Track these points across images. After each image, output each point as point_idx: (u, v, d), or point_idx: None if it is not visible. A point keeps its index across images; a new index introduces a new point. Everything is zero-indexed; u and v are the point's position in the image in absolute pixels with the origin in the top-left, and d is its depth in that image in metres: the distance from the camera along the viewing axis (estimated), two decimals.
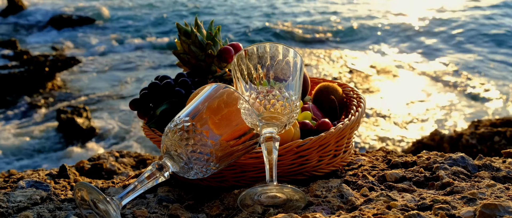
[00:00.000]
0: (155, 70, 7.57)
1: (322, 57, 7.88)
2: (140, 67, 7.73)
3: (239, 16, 10.99)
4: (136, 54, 8.42)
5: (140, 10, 11.90)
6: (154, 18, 11.13)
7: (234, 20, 10.59)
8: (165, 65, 7.83)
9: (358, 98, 1.09)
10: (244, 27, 9.94)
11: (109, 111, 5.94)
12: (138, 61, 8.04)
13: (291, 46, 0.89)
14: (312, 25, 9.89)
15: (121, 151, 1.77)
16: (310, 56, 7.98)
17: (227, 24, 10.22)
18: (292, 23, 10.16)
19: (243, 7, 11.76)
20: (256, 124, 0.81)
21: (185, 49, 1.14)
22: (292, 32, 9.49)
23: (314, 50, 8.37)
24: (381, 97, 5.99)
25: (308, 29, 9.67)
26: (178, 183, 1.00)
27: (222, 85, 0.82)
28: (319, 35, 9.24)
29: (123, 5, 12.41)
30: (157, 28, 10.37)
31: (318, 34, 9.32)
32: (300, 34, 9.36)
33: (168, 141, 0.77)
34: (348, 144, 1.03)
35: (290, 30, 9.60)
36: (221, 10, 11.63)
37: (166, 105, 1.03)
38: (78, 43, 9.20)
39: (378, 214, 0.74)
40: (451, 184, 0.85)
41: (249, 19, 10.65)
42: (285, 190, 0.78)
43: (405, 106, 5.67)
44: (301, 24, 9.99)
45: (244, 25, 10.10)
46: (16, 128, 5.46)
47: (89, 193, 0.71)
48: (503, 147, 2.68)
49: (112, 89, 6.74)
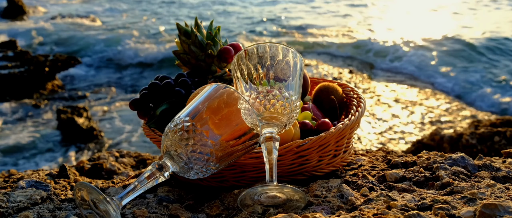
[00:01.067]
0: (156, 70, 7.58)
1: (323, 57, 7.88)
2: (140, 67, 7.72)
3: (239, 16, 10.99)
4: (136, 54, 8.42)
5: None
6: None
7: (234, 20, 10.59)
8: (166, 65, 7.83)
9: (358, 98, 1.09)
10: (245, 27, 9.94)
11: (109, 110, 5.94)
12: (138, 61, 8.04)
13: (291, 46, 0.89)
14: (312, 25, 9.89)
15: (121, 151, 1.77)
16: (310, 56, 7.98)
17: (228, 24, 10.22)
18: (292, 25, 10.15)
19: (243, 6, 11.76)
20: (256, 124, 0.81)
21: (185, 49, 1.14)
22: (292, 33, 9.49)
23: (314, 49, 8.36)
24: (381, 97, 5.99)
25: (308, 30, 9.67)
26: (178, 183, 1.00)
27: (222, 85, 0.82)
28: (319, 35, 9.24)
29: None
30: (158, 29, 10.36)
31: (319, 34, 9.32)
32: (301, 35, 9.36)
33: (168, 141, 0.77)
34: (348, 144, 1.03)
35: (290, 30, 9.60)
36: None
37: (166, 105, 1.03)
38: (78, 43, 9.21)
39: (378, 214, 0.74)
40: (451, 184, 0.85)
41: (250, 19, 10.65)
42: (285, 190, 0.78)
43: (405, 106, 5.67)
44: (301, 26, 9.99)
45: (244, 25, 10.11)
46: (16, 127, 5.46)
47: (89, 193, 0.71)
48: (503, 147, 2.68)
49: (112, 89, 6.74)
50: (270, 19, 10.89)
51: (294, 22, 10.43)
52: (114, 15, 11.73)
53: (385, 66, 7.31)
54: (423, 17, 10.36)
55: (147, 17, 11.36)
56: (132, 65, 7.97)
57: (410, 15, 10.71)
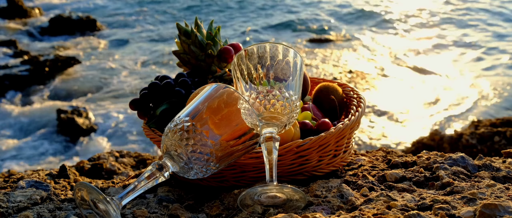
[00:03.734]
0: (156, 71, 7.58)
1: (322, 57, 7.89)
2: (141, 67, 7.72)
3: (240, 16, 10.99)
4: (136, 54, 8.42)
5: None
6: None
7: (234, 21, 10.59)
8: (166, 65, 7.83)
9: (358, 98, 1.09)
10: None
11: (109, 110, 5.94)
12: (138, 61, 8.04)
13: (291, 46, 0.89)
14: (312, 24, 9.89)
15: (121, 151, 1.77)
16: (310, 56, 7.98)
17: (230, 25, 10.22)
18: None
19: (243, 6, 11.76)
20: (256, 124, 0.81)
21: (185, 49, 1.14)
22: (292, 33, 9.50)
23: (314, 50, 8.36)
24: (381, 97, 6.00)
25: (308, 29, 9.67)
26: (178, 183, 1.00)
27: (222, 85, 0.82)
28: (319, 35, 9.24)
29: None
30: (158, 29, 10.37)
31: (318, 34, 9.32)
32: (301, 34, 9.36)
33: (168, 141, 0.77)
34: (348, 144, 1.03)
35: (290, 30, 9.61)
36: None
37: (166, 105, 1.03)
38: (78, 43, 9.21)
39: (378, 214, 0.74)
40: (451, 184, 0.85)
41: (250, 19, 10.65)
42: (285, 190, 0.78)
43: (405, 106, 5.67)
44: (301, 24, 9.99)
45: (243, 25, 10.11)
46: (16, 127, 5.46)
47: (89, 193, 0.71)
48: (503, 147, 2.68)
49: (112, 89, 6.74)
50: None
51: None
52: (115, 14, 11.73)
53: (385, 65, 7.31)
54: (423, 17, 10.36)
55: (148, 17, 11.36)
56: (133, 64, 7.97)
57: (411, 15, 10.71)
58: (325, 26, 9.67)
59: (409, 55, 7.75)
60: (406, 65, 7.29)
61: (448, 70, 6.94)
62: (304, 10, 10.89)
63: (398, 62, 7.46)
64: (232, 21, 10.34)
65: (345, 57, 7.82)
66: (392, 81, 6.68)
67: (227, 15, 10.87)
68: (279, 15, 10.52)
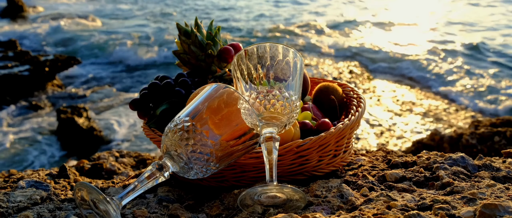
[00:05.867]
0: (156, 70, 7.58)
1: (323, 57, 7.88)
2: (141, 67, 7.72)
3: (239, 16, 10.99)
4: (136, 54, 8.42)
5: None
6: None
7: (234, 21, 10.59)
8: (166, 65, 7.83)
9: (358, 98, 1.09)
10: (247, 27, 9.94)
11: (109, 110, 5.94)
12: (138, 61, 8.04)
13: (291, 46, 0.89)
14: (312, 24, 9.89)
15: (121, 151, 1.77)
16: (310, 56, 7.97)
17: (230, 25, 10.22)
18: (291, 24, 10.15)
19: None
20: (256, 124, 0.81)
21: (185, 49, 1.14)
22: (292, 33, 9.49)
23: (314, 49, 8.36)
24: (381, 97, 5.99)
25: (308, 29, 9.66)
26: (178, 183, 1.00)
27: (222, 85, 0.82)
28: (319, 35, 9.24)
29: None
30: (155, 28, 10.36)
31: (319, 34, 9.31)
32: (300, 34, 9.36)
33: (168, 141, 0.77)
34: (348, 144, 1.03)
35: (291, 30, 9.60)
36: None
37: (166, 105, 1.03)
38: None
39: (378, 214, 0.74)
40: (451, 184, 0.85)
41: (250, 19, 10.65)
42: (285, 190, 0.78)
43: (405, 106, 5.67)
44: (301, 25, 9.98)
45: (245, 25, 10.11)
46: (16, 127, 5.46)
47: (89, 193, 0.71)
48: (503, 147, 2.68)
49: (112, 89, 6.74)
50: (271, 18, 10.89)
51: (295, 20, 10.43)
52: (115, 15, 11.73)
53: (386, 65, 7.30)
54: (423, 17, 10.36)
55: (148, 17, 11.36)
56: (133, 65, 7.97)
57: (410, 15, 10.71)
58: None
59: (409, 53, 7.74)
60: (406, 65, 7.29)
61: (448, 70, 6.93)
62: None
63: (398, 61, 7.46)
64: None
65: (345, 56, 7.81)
66: (392, 81, 6.67)
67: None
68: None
